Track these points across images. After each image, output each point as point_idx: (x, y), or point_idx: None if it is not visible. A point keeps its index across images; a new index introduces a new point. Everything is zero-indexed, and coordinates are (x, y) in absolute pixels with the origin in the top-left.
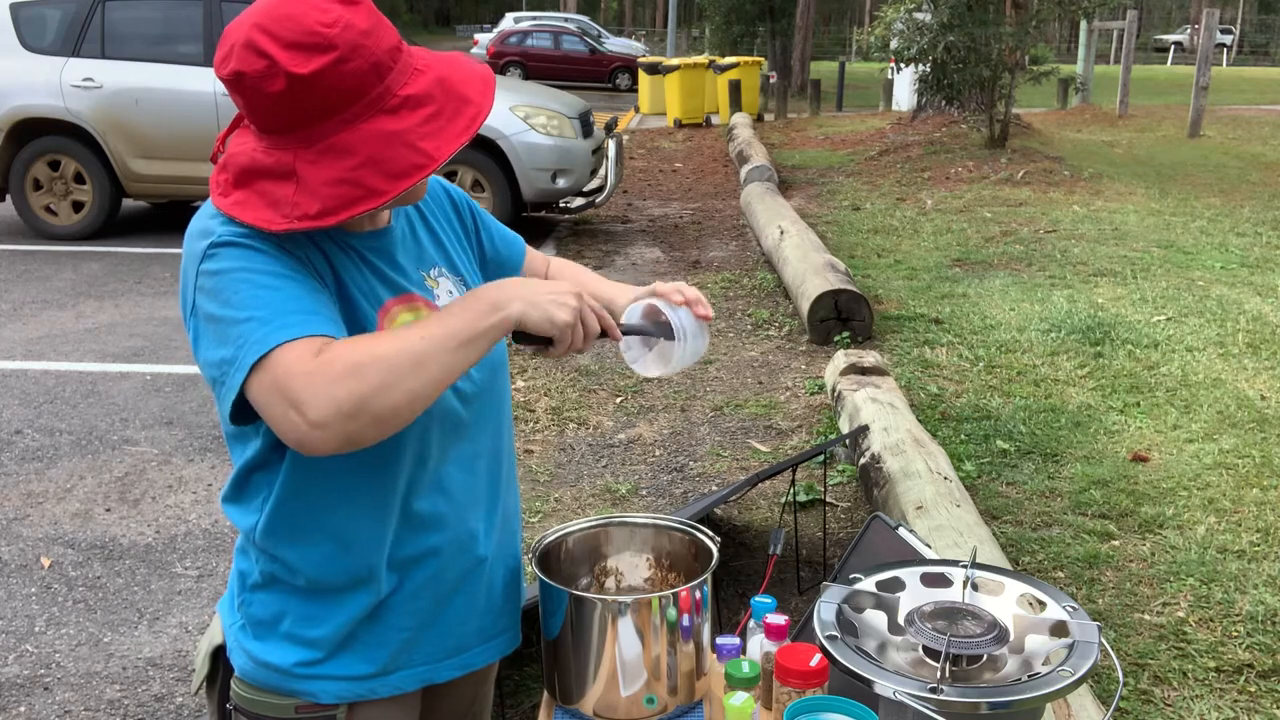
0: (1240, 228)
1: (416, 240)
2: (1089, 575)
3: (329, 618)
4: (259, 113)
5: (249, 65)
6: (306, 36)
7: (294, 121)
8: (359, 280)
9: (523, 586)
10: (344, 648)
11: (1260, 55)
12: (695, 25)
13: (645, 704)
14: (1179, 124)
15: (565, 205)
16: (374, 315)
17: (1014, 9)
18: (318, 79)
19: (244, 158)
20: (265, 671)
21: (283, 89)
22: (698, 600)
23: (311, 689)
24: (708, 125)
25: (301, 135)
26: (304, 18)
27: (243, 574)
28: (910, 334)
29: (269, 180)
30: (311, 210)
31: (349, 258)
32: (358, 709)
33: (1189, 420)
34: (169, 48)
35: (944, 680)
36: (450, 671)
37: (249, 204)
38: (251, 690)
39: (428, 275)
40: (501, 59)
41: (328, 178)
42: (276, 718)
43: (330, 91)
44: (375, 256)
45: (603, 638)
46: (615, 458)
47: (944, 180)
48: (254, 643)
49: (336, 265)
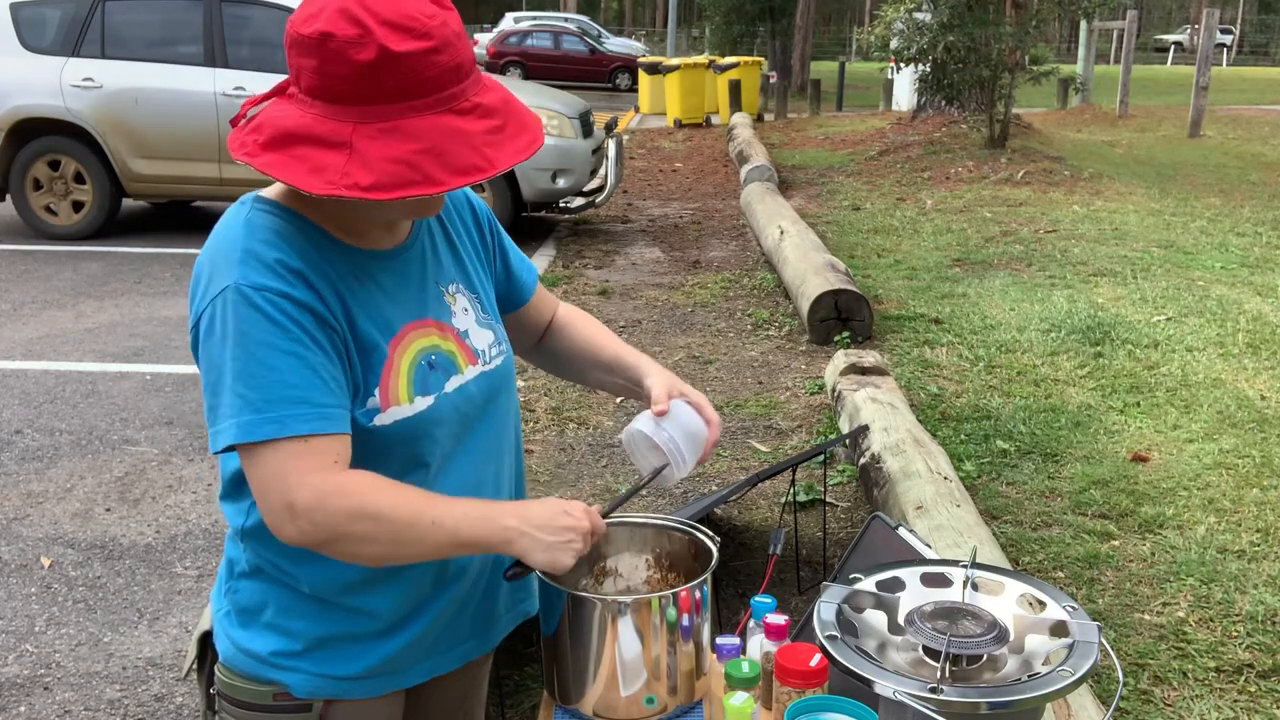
0: (1240, 228)
1: (436, 255)
2: (1089, 575)
3: (312, 616)
4: (331, 78)
5: (340, 29)
6: (406, 20)
7: (365, 95)
8: (371, 307)
9: (524, 589)
10: (324, 645)
11: (1260, 55)
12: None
13: (645, 704)
14: (1179, 124)
15: (565, 205)
16: (385, 346)
17: (1014, 9)
18: (407, 60)
19: (289, 121)
20: (245, 658)
21: (370, 60)
22: (698, 600)
23: (286, 680)
24: (708, 125)
25: (366, 110)
26: (405, 4)
27: (231, 562)
28: (910, 334)
29: (317, 147)
30: (364, 182)
31: (361, 283)
32: (335, 706)
33: (1189, 420)
34: (169, 48)
35: (944, 680)
36: (423, 675)
37: (287, 167)
38: (232, 676)
39: (445, 291)
40: (501, 59)
41: (387, 155)
42: (255, 704)
43: (413, 76)
44: (389, 278)
45: (602, 638)
46: (615, 458)
47: (944, 180)
48: (237, 629)
49: (347, 297)
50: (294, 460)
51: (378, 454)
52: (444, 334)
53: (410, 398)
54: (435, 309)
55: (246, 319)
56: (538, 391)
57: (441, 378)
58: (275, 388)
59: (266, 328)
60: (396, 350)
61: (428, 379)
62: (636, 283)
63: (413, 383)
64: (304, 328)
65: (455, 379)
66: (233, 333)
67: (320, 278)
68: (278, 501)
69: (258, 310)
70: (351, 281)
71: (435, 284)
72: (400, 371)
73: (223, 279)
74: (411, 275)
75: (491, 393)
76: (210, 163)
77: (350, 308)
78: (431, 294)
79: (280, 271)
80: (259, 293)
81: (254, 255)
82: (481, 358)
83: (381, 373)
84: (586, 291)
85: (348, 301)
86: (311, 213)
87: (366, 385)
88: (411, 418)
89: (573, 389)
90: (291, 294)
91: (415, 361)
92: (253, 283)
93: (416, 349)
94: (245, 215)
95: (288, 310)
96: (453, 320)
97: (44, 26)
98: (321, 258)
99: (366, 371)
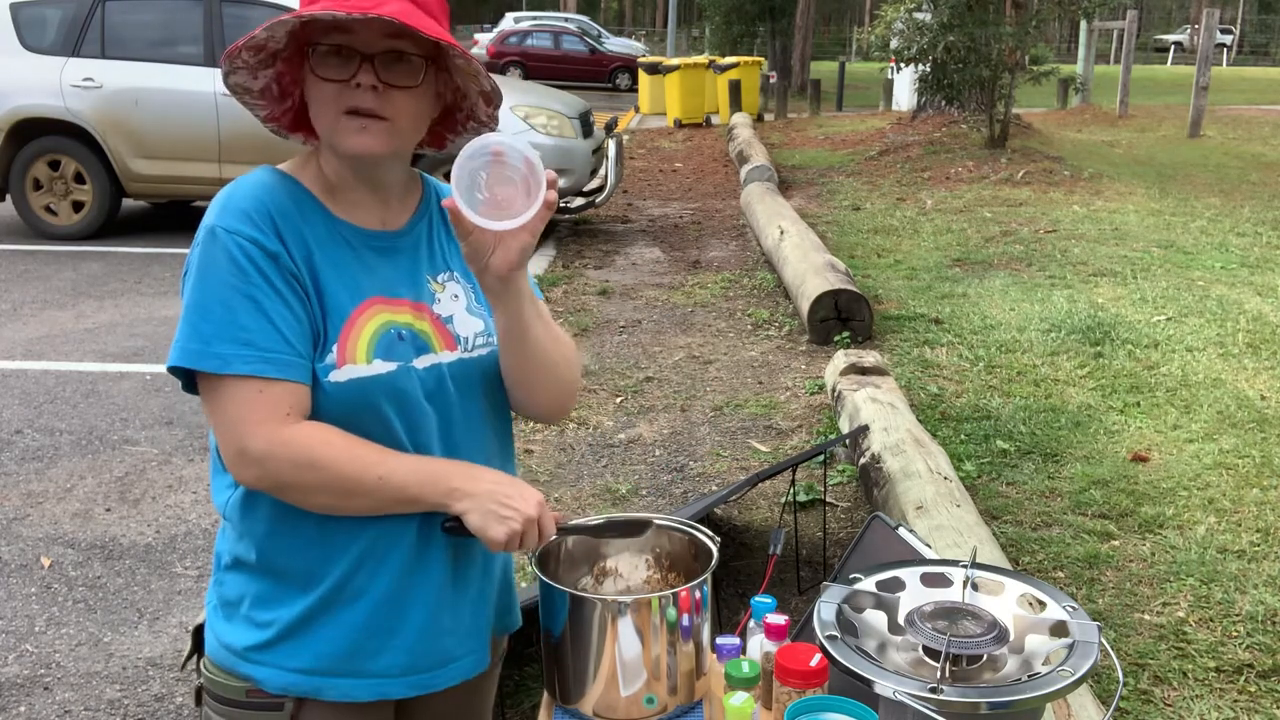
0: (1240, 228)
1: (431, 246)
2: (1089, 575)
3: (283, 602)
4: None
5: None
6: None
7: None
8: (345, 272)
9: (508, 601)
10: (292, 636)
11: (1260, 55)
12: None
13: (645, 704)
14: (1179, 124)
15: (565, 205)
16: (349, 309)
17: (1014, 9)
18: None
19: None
20: (224, 652)
21: None
22: (698, 600)
23: (258, 674)
24: (708, 125)
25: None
26: None
27: (219, 555)
28: (910, 334)
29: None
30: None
31: (338, 247)
32: (307, 707)
33: (1189, 420)
34: (169, 48)
35: (944, 680)
36: (407, 690)
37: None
38: (214, 670)
39: (434, 280)
40: (501, 59)
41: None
42: (231, 699)
43: None
44: (376, 255)
45: (602, 638)
46: (615, 458)
47: (944, 180)
48: (221, 623)
49: (317, 253)
50: (246, 407)
51: (336, 422)
52: (419, 314)
53: (369, 358)
54: (415, 291)
55: (216, 259)
56: None
57: (409, 350)
58: (227, 327)
59: (230, 269)
60: (363, 315)
61: (393, 347)
62: (636, 283)
63: (374, 345)
64: (266, 276)
65: (428, 357)
66: (201, 269)
67: (291, 230)
68: (233, 446)
69: (226, 252)
70: (328, 244)
71: (424, 272)
72: (362, 333)
73: (206, 223)
74: (399, 260)
75: (469, 381)
76: (210, 163)
77: (318, 265)
78: (418, 279)
79: (254, 219)
80: (230, 235)
81: (236, 204)
82: (463, 344)
83: (341, 329)
84: (586, 291)
85: (316, 259)
86: (312, 183)
87: (327, 339)
88: (368, 379)
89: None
90: (261, 241)
91: (382, 328)
92: (228, 225)
93: (385, 319)
94: (250, 176)
95: (253, 256)
96: (434, 305)
97: (44, 26)
98: (301, 215)
99: (329, 328)
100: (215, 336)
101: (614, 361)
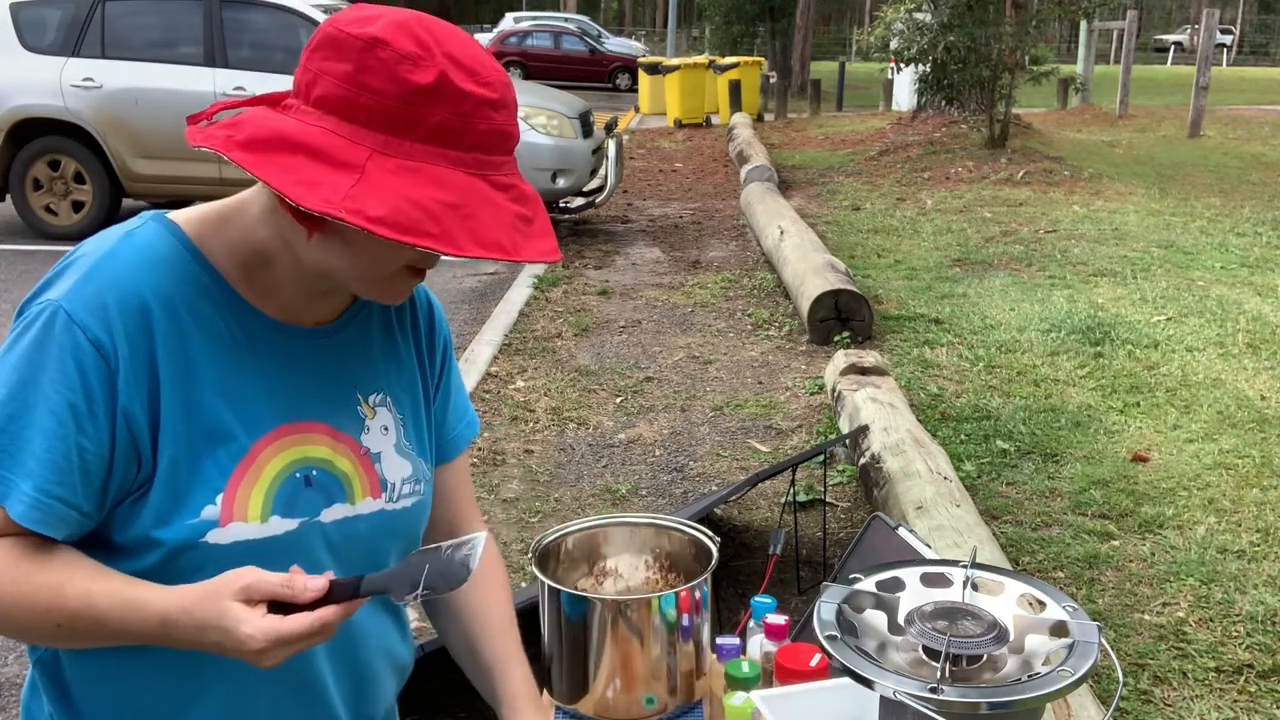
0: (1240, 228)
1: (366, 354)
2: (1089, 575)
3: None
4: (364, 91)
5: (399, 42)
6: (472, 61)
7: (398, 123)
8: (241, 387)
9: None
10: None
11: (1260, 55)
12: (695, 25)
13: (645, 704)
14: (1179, 124)
15: (565, 205)
16: (247, 441)
17: (1014, 9)
18: (465, 101)
19: (285, 126)
20: None
21: (424, 85)
22: (697, 600)
23: None
24: (708, 125)
25: (392, 142)
26: (473, 47)
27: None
28: (910, 334)
29: (315, 161)
30: (373, 212)
31: (240, 353)
32: None
33: (1189, 420)
34: (169, 48)
35: (944, 680)
36: None
37: (270, 171)
38: None
39: (364, 401)
40: (501, 59)
41: (406, 193)
42: None
43: (464, 121)
44: (289, 360)
45: (602, 638)
46: (615, 458)
47: (944, 180)
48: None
49: (204, 371)
50: None
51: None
52: (338, 448)
53: (263, 516)
54: (339, 416)
55: (45, 352)
56: (538, 391)
57: (319, 501)
58: (16, 442)
59: (57, 376)
60: (265, 451)
61: (297, 498)
62: (636, 283)
63: (274, 498)
64: (92, 397)
65: (340, 508)
66: (26, 353)
67: (170, 335)
68: None
69: (62, 350)
70: (223, 352)
71: (352, 387)
72: (262, 479)
73: (59, 289)
74: (322, 368)
75: (386, 534)
76: (210, 163)
77: (201, 385)
78: (342, 398)
79: (112, 317)
80: (74, 329)
81: (99, 287)
82: (388, 492)
83: (232, 473)
84: (586, 291)
85: (201, 374)
86: (223, 253)
87: (203, 486)
88: (259, 541)
89: (573, 388)
90: (106, 350)
91: (287, 470)
92: (76, 314)
93: (293, 456)
94: (136, 241)
95: (87, 367)
96: (361, 437)
97: (44, 27)
98: (191, 311)
99: (204, 468)
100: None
101: (614, 361)
